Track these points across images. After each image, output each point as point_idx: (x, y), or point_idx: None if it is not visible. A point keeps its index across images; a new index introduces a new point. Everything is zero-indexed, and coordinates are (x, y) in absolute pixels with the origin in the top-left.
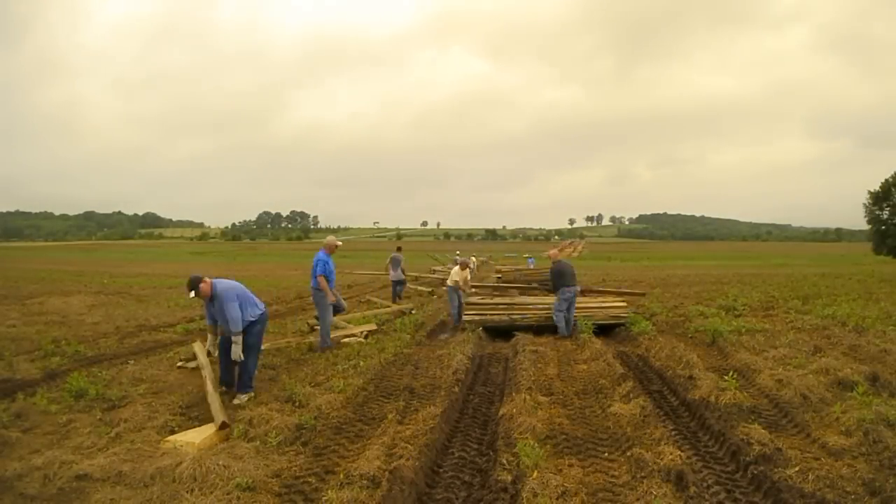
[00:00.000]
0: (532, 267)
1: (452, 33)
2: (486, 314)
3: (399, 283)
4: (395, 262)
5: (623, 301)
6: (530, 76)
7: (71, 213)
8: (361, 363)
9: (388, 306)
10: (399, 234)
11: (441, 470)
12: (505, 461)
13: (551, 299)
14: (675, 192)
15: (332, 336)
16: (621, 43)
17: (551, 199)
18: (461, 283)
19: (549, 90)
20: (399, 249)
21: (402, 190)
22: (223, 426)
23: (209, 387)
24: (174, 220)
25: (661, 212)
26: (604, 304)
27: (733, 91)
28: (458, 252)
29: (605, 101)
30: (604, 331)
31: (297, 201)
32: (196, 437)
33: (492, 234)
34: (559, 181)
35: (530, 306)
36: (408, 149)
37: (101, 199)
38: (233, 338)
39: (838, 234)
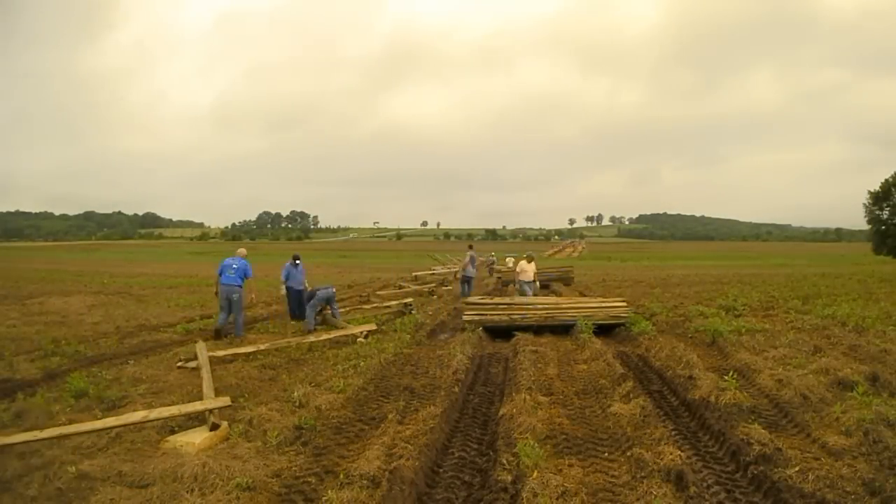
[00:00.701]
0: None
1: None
2: (485, 314)
3: (468, 281)
4: (472, 261)
5: (623, 301)
6: (595, 84)
7: (71, 213)
8: (361, 363)
9: (388, 305)
10: (399, 234)
11: (441, 470)
12: (505, 461)
13: (552, 300)
14: (698, 193)
15: (329, 336)
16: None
17: (577, 200)
18: (533, 276)
19: (610, 96)
20: (471, 247)
21: (428, 189)
22: (214, 427)
23: (205, 388)
24: (174, 220)
25: (661, 212)
26: (603, 304)
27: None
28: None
29: (659, 107)
30: (604, 331)
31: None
32: (196, 437)
33: (492, 234)
34: (588, 182)
35: (530, 306)
36: (460, 150)
37: (100, 199)
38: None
39: (838, 234)
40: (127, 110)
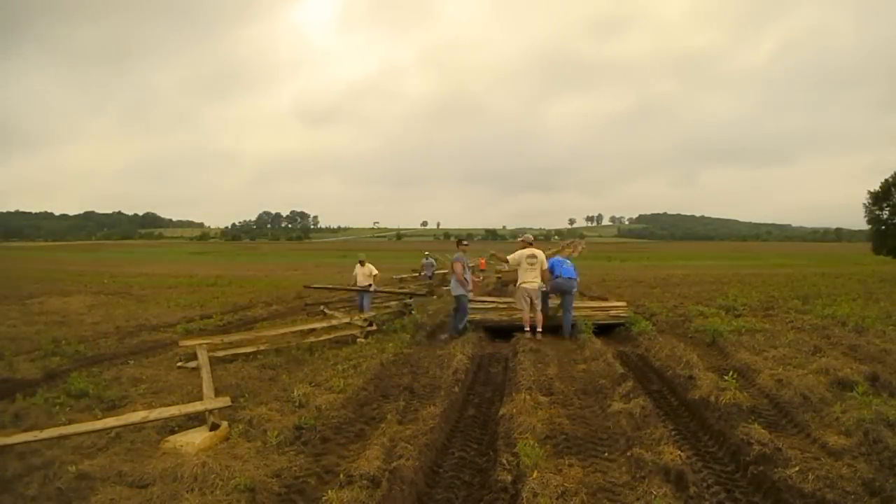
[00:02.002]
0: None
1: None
2: (486, 315)
3: (460, 306)
4: (465, 268)
5: (623, 303)
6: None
7: (71, 213)
8: (361, 363)
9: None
10: (399, 234)
11: (441, 470)
12: (505, 461)
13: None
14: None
15: (329, 336)
16: None
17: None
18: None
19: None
20: (462, 244)
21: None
22: (214, 427)
23: (205, 388)
24: (174, 220)
25: (661, 212)
26: (604, 305)
27: None
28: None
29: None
30: (604, 331)
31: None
32: (196, 437)
33: (492, 234)
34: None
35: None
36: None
37: (101, 199)
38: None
39: (838, 234)
40: None
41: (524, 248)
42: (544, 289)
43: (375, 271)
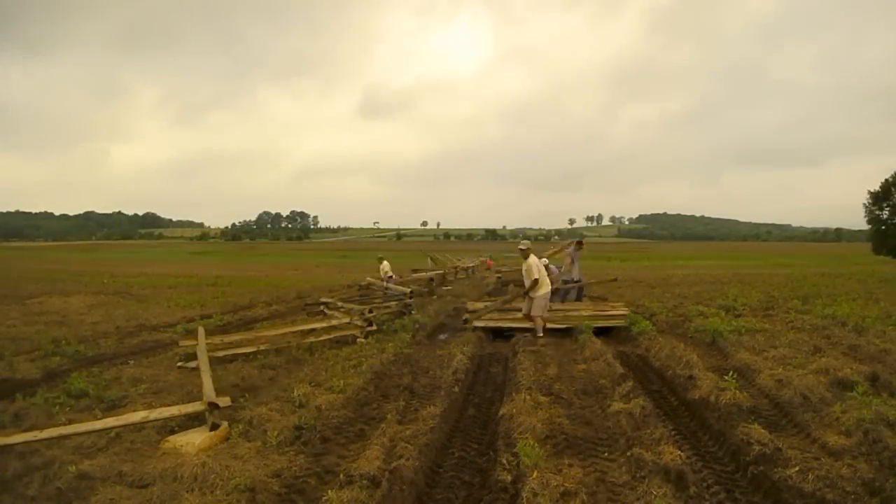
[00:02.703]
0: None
1: None
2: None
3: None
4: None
5: (623, 307)
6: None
7: (71, 213)
8: (361, 363)
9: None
10: (399, 234)
11: (441, 470)
12: (505, 461)
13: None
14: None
15: (329, 336)
16: None
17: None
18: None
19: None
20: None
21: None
22: (214, 427)
23: (206, 387)
24: (174, 219)
25: (661, 212)
26: (604, 312)
27: None
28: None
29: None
30: (603, 331)
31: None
32: (196, 437)
33: (492, 234)
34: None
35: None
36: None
37: (103, 200)
38: None
39: (838, 234)
40: None
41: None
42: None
43: (387, 270)
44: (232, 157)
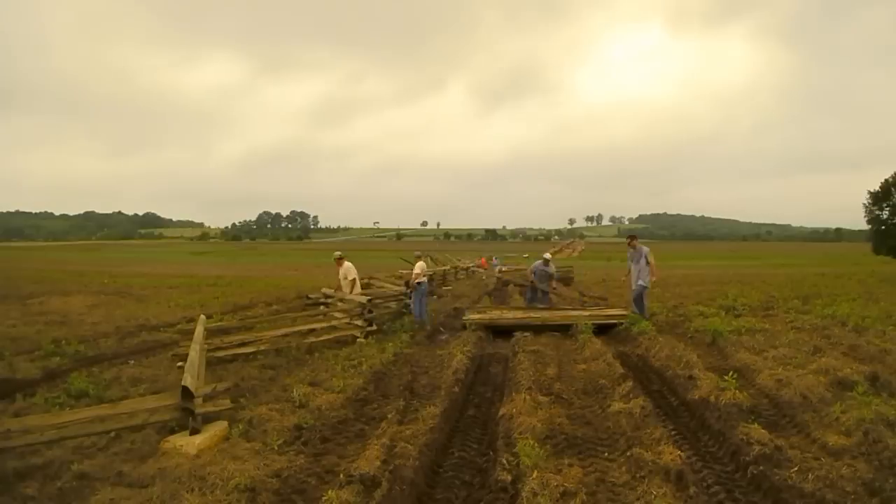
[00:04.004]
0: (498, 269)
1: None
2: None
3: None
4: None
5: (622, 309)
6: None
7: (71, 213)
8: (361, 363)
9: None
10: (399, 234)
11: (441, 470)
12: (505, 461)
13: (558, 313)
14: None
15: (329, 336)
16: None
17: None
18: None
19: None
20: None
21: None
22: (193, 431)
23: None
24: (174, 220)
25: (661, 212)
26: (603, 313)
27: None
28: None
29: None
30: (603, 331)
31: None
32: (196, 437)
33: (492, 234)
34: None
35: (532, 316)
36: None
37: (102, 199)
38: None
39: (838, 234)
40: None
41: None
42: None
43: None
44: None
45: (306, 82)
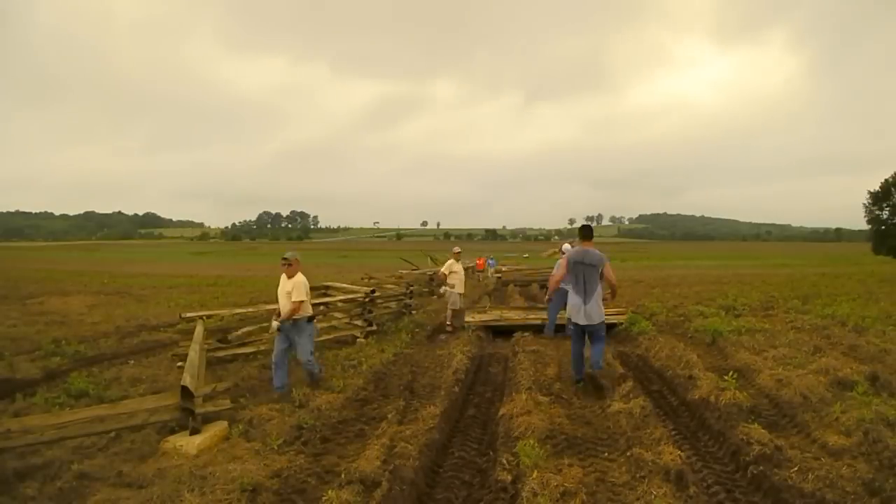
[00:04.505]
0: (493, 271)
1: None
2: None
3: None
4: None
5: (623, 309)
6: None
7: (71, 213)
8: (361, 363)
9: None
10: (399, 234)
11: (441, 470)
12: (505, 461)
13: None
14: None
15: (329, 336)
16: None
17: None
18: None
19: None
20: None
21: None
22: (193, 431)
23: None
24: (174, 220)
25: (661, 212)
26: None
27: None
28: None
29: None
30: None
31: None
32: (196, 437)
33: (492, 234)
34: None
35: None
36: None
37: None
38: None
39: (838, 234)
40: None
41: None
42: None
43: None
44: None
45: (364, 83)
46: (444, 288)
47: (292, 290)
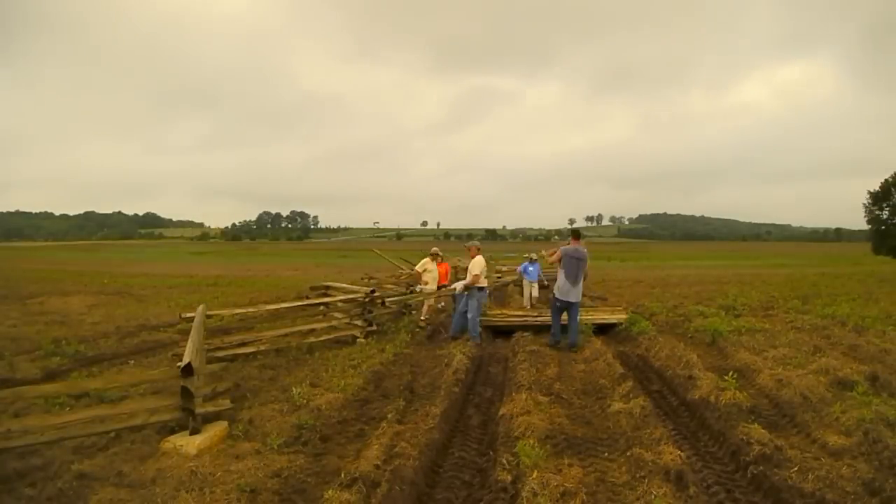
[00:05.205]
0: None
1: None
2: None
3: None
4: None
5: (623, 311)
6: None
7: (71, 213)
8: (361, 363)
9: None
10: (399, 234)
11: (441, 470)
12: (505, 461)
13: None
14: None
15: (329, 336)
16: None
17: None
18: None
19: None
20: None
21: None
22: (197, 428)
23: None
24: (174, 220)
25: (661, 212)
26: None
27: None
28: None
29: None
30: (603, 330)
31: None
32: (196, 437)
33: (492, 234)
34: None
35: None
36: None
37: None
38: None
39: (838, 234)
40: None
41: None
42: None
43: (475, 269)
44: None
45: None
46: (419, 287)
47: (471, 267)
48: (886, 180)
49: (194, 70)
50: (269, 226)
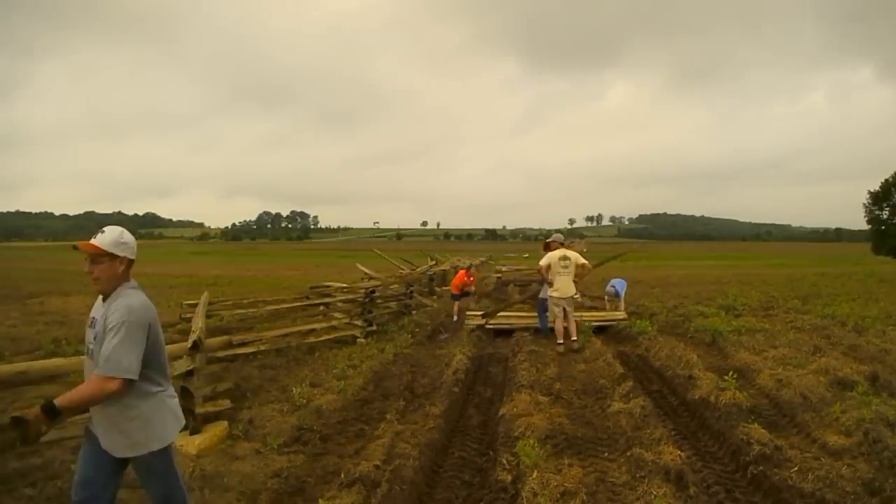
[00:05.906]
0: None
1: None
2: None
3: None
4: None
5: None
6: None
7: (71, 213)
8: (361, 363)
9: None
10: (399, 234)
11: (441, 470)
12: (505, 461)
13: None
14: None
15: (329, 336)
16: None
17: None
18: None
19: None
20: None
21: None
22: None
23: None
24: (174, 220)
25: (661, 212)
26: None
27: None
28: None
29: None
30: (603, 330)
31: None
32: (196, 437)
33: (491, 234)
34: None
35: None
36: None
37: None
38: None
39: (838, 234)
40: None
41: (556, 249)
42: (578, 297)
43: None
44: None
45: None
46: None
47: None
48: (886, 180)
49: (273, 70)
50: (269, 226)
